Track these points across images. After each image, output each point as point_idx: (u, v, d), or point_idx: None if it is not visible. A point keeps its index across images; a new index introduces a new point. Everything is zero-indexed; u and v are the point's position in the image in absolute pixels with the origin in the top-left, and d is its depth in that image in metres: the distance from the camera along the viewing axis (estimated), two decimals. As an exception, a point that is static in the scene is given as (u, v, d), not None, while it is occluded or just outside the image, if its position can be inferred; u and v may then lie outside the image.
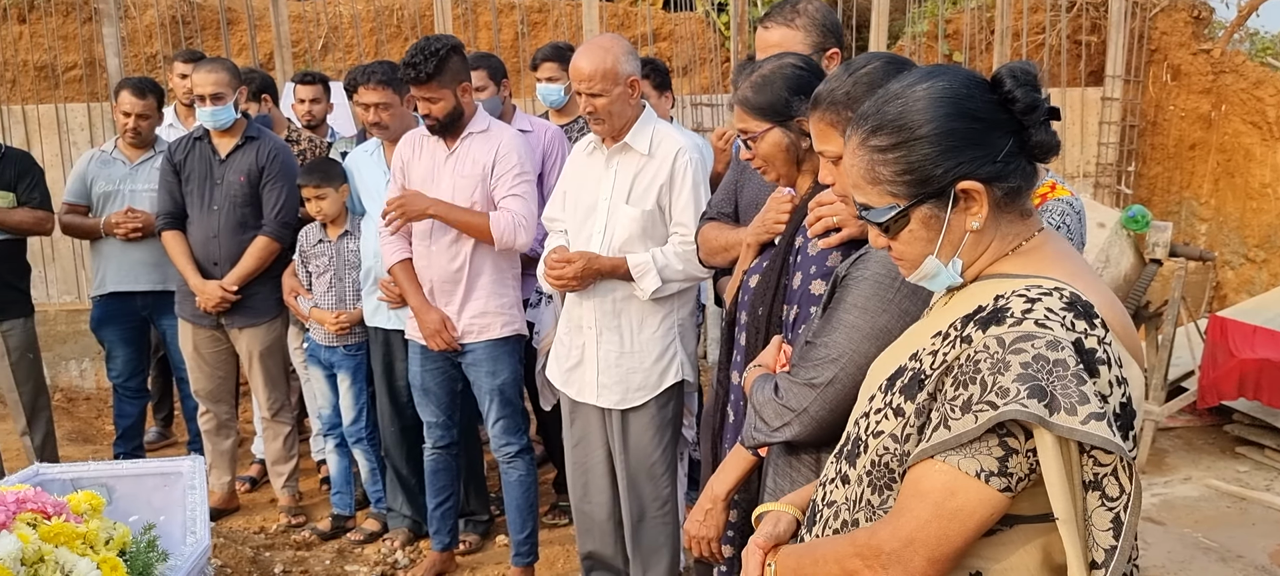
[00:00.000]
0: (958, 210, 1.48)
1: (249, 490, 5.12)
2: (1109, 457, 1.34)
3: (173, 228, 4.46)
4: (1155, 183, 8.19)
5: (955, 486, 1.38)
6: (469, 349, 3.85)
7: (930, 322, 1.55)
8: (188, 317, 4.54)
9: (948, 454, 1.38)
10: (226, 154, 4.41)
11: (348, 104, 5.00)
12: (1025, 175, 1.49)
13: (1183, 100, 8.02)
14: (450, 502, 4.17)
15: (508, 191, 3.73)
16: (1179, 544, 4.52)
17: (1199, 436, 5.80)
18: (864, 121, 1.52)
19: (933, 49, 8.03)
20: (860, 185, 1.54)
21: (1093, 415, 1.30)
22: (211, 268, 4.42)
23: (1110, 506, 1.35)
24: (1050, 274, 1.46)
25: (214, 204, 4.40)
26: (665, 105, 4.65)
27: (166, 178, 4.47)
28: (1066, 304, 1.37)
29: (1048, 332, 1.34)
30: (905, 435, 1.47)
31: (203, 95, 4.31)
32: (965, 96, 1.46)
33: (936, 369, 1.44)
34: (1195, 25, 8.10)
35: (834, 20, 2.82)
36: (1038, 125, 1.47)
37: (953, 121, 1.45)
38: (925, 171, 1.46)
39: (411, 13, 7.75)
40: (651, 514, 3.49)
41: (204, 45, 7.44)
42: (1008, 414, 1.32)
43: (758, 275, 2.36)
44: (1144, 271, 5.15)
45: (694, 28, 8.00)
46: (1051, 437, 1.32)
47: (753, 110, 2.30)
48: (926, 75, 1.51)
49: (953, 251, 1.51)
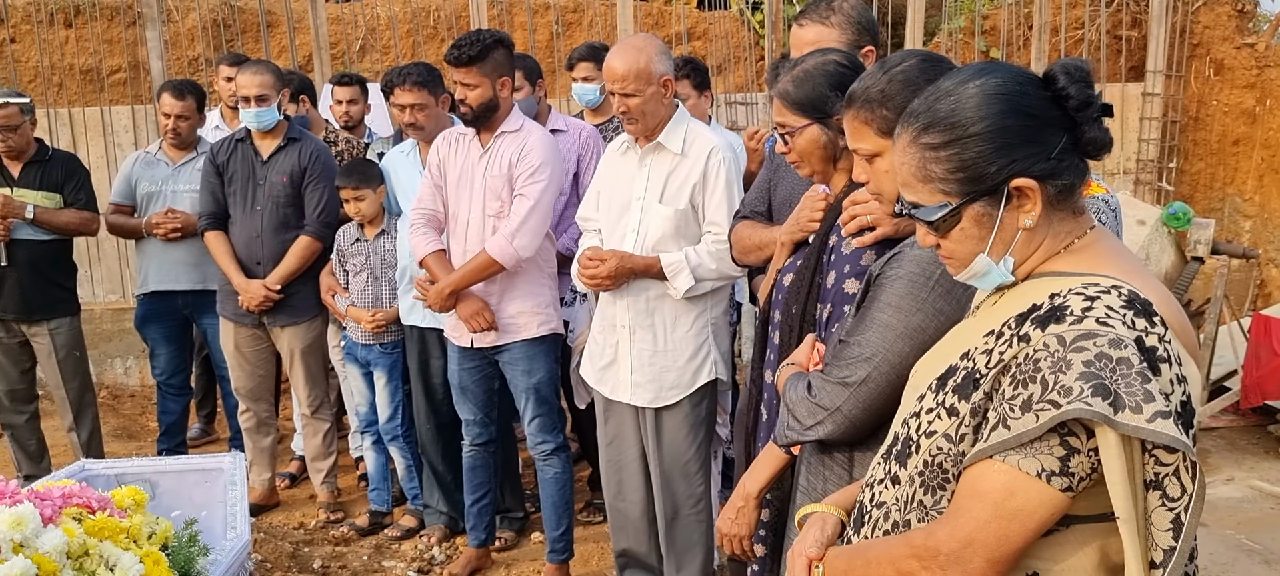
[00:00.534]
0: (1010, 208, 1.47)
1: (288, 486, 5.18)
2: (1171, 457, 1.32)
3: (215, 228, 4.53)
4: (1197, 179, 8.07)
5: (1015, 486, 1.36)
6: (506, 347, 3.88)
7: (981, 321, 1.54)
8: (230, 317, 4.61)
9: (1007, 454, 1.36)
10: (269, 155, 4.48)
11: (385, 105, 5.05)
12: (1078, 172, 1.47)
13: (1226, 95, 7.89)
14: (487, 499, 4.20)
15: (518, 189, 3.75)
16: (1222, 546, 4.46)
17: (1242, 436, 5.70)
18: (915, 118, 1.51)
19: (969, 45, 7.96)
20: (910, 183, 1.52)
21: (1159, 413, 1.28)
22: (254, 267, 4.48)
23: (1171, 506, 1.33)
24: (1105, 271, 1.44)
25: (257, 204, 4.47)
26: (705, 105, 4.65)
27: (209, 179, 4.54)
28: (1126, 301, 1.36)
29: (1109, 330, 1.32)
30: (960, 435, 1.46)
31: (247, 97, 4.38)
32: (1019, 93, 1.45)
33: (992, 368, 1.42)
34: (1239, 19, 7.97)
35: (870, 18, 2.81)
36: (1091, 122, 1.45)
37: (1007, 118, 1.44)
38: (979, 169, 1.45)
39: (448, 14, 7.81)
40: (685, 512, 3.50)
41: (244, 48, 7.55)
42: (1071, 413, 1.30)
43: (791, 273, 2.36)
44: (1185, 269, 5.09)
45: (728, 26, 7.99)
46: (1115, 437, 1.30)
47: (792, 104, 2.29)
48: (978, 72, 1.49)
49: (1004, 249, 1.49)
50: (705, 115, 4.62)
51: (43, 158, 4.70)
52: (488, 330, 3.82)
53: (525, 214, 3.72)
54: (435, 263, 3.88)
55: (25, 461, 4.87)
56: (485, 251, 3.74)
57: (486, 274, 3.77)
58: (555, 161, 3.84)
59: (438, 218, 3.94)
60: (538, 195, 3.73)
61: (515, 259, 3.75)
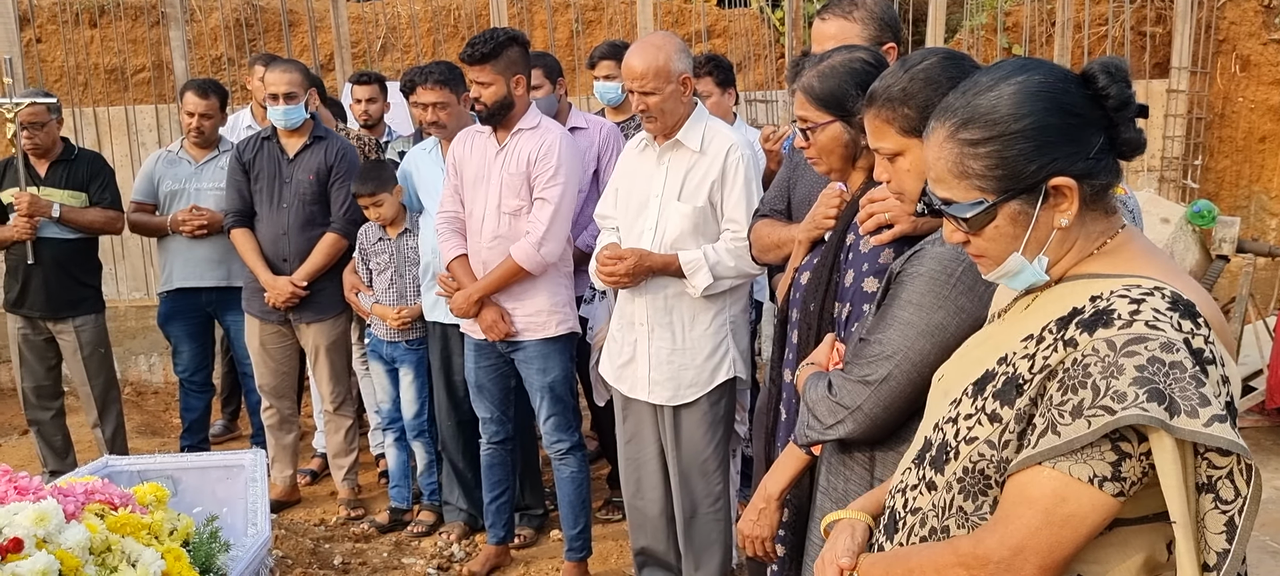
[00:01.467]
0: (1047, 207, 1.45)
1: (310, 483, 5.22)
2: (1225, 460, 1.31)
3: (241, 225, 4.56)
4: (1223, 176, 7.98)
5: (1066, 492, 1.35)
6: (522, 345, 3.89)
7: (1016, 325, 1.52)
8: (255, 313, 4.64)
9: (1057, 460, 1.35)
10: (295, 153, 4.51)
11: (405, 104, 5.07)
12: (1113, 172, 1.46)
13: (1253, 92, 7.80)
14: (506, 497, 4.21)
15: (538, 193, 3.77)
16: (1248, 548, 4.40)
17: (1267, 437, 5.64)
18: (952, 114, 1.49)
19: (991, 42, 7.91)
20: (944, 179, 1.50)
21: (1215, 417, 1.27)
22: (281, 264, 4.52)
23: (1225, 510, 1.32)
24: (1143, 272, 1.43)
25: (283, 202, 4.50)
26: (728, 102, 4.64)
27: (235, 176, 4.58)
28: (1171, 304, 1.35)
29: (1161, 334, 1.31)
30: (1004, 442, 1.44)
31: (276, 94, 4.41)
32: (1062, 91, 1.44)
33: (1037, 373, 1.40)
34: (1265, 14, 7.87)
35: (892, 14, 2.78)
36: (1127, 122, 1.44)
37: (1050, 116, 1.42)
38: (1019, 166, 1.43)
39: (468, 12, 7.83)
40: (704, 510, 3.49)
41: (266, 46, 7.59)
42: (1127, 419, 1.29)
43: (809, 271, 2.35)
44: (1210, 268, 5.04)
45: (748, 24, 7.97)
46: (1171, 441, 1.29)
47: (815, 99, 2.27)
48: (1019, 68, 1.48)
49: (1038, 249, 1.47)
50: (729, 112, 4.61)
51: (68, 157, 4.75)
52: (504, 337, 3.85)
53: (549, 219, 3.73)
54: (460, 268, 3.91)
55: (51, 457, 4.93)
56: (511, 258, 3.76)
57: (513, 280, 3.79)
58: (574, 161, 3.85)
59: (461, 220, 3.96)
60: (558, 198, 3.75)
61: (542, 265, 3.77)
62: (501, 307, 3.84)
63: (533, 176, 3.77)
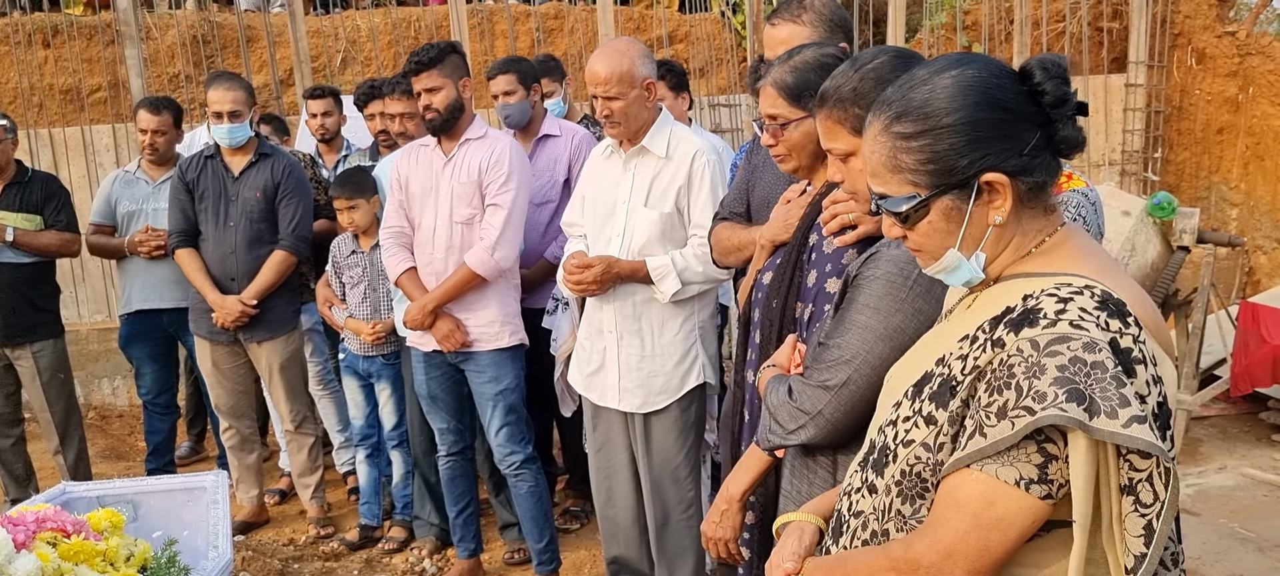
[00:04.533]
0: (980, 203, 1.44)
1: (279, 503, 5.15)
2: (1145, 462, 1.30)
3: (187, 245, 4.49)
4: (1183, 168, 8.09)
5: (994, 496, 1.34)
6: (473, 356, 3.86)
7: (955, 325, 1.51)
8: (204, 335, 4.57)
9: (985, 463, 1.34)
10: (240, 171, 4.45)
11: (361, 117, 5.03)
12: (1050, 170, 1.45)
13: (1209, 84, 7.92)
14: (471, 509, 4.18)
15: (491, 199, 3.76)
16: (1214, 534, 4.45)
17: (1233, 425, 5.71)
18: (887, 107, 1.48)
19: (951, 40, 7.97)
20: (879, 173, 1.49)
21: (1134, 418, 1.26)
22: (229, 283, 4.45)
23: (1144, 513, 1.31)
24: (1078, 270, 1.42)
25: (230, 220, 4.44)
26: (682, 107, 4.64)
27: (179, 196, 4.51)
28: (1099, 303, 1.34)
29: (1084, 333, 1.30)
30: (938, 444, 1.43)
31: (221, 112, 4.36)
32: (995, 86, 1.42)
33: (967, 374, 1.40)
34: (1219, 7, 8.00)
35: (842, 15, 2.79)
36: (1065, 119, 1.43)
37: (981, 111, 1.41)
38: (950, 161, 1.42)
39: (428, 25, 7.79)
40: (676, 517, 3.47)
41: (224, 63, 7.52)
42: (1046, 419, 1.28)
43: (771, 272, 2.34)
44: (1172, 259, 5.08)
45: (710, 29, 7.99)
46: (1084, 441, 1.28)
47: (788, 94, 2.24)
48: (954, 62, 1.47)
49: (974, 245, 1.46)
50: (684, 117, 4.61)
51: (22, 179, 4.66)
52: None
53: (502, 223, 3.72)
54: (409, 282, 3.88)
55: (12, 485, 4.83)
56: (465, 265, 3.74)
57: (468, 287, 3.77)
58: (524, 168, 3.87)
59: (407, 235, 3.93)
60: (511, 204, 3.75)
61: (497, 271, 3.75)
62: (456, 318, 3.82)
63: (484, 184, 3.76)
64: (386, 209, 4.00)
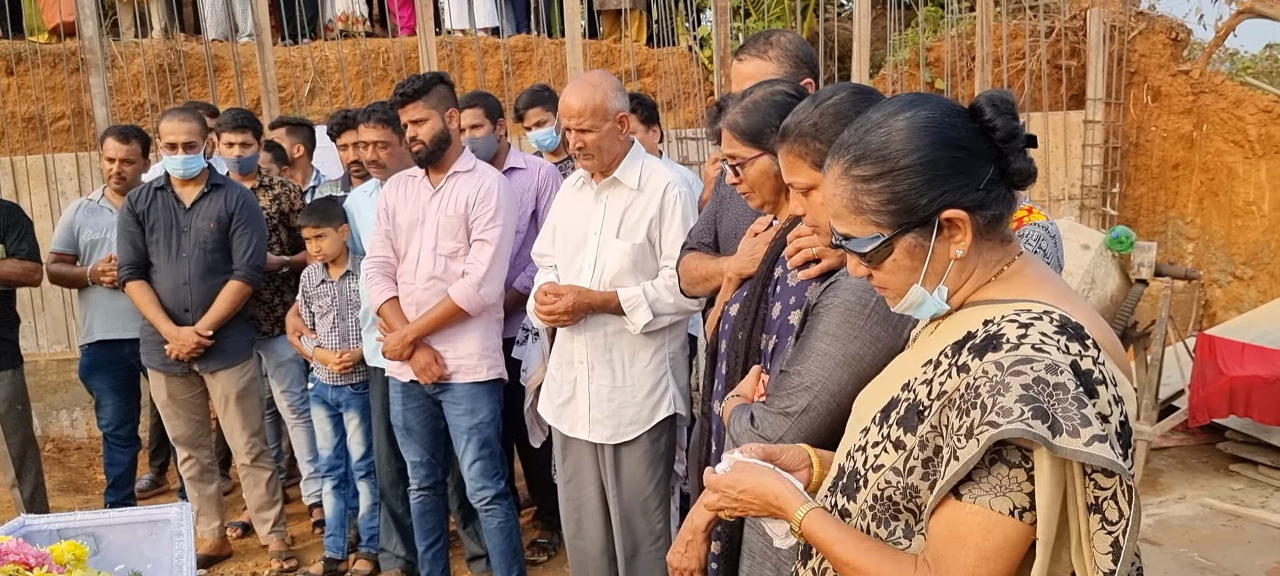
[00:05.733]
0: (942, 238, 1.48)
1: (241, 536, 5.08)
2: (1109, 481, 1.34)
3: (138, 277, 4.44)
4: (1140, 203, 8.25)
5: (991, 525, 1.37)
6: (451, 388, 3.85)
7: (918, 352, 1.55)
8: (157, 366, 4.51)
9: (979, 496, 1.37)
10: (192, 201, 4.43)
11: (333, 147, 5.02)
12: (1006, 202, 1.50)
13: (1164, 121, 8.10)
14: (440, 543, 4.15)
15: (477, 235, 3.76)
16: (1175, 564, 4.51)
17: (1192, 455, 5.80)
18: (846, 151, 1.51)
19: (914, 76, 8.10)
20: (842, 215, 1.53)
21: (1096, 437, 1.30)
22: (183, 314, 4.41)
23: (1110, 530, 1.35)
24: (1036, 297, 1.46)
25: (182, 251, 4.40)
26: (653, 139, 4.68)
27: (128, 227, 4.46)
28: (1059, 327, 1.38)
29: (1045, 356, 1.34)
30: (908, 468, 1.46)
31: (174, 144, 4.33)
32: (948, 125, 1.47)
33: (935, 399, 1.43)
34: (1174, 47, 8.19)
35: (808, 51, 2.85)
36: (1016, 152, 1.48)
37: (937, 150, 1.45)
38: (910, 201, 1.46)
39: (397, 56, 7.80)
40: (645, 549, 3.47)
41: (191, 93, 7.47)
42: (1011, 432, 1.31)
43: (738, 304, 2.37)
44: (1130, 292, 5.18)
45: (678, 62, 8.06)
46: (1048, 459, 1.32)
47: (741, 135, 2.30)
48: (908, 104, 1.51)
49: (937, 280, 1.50)
50: (655, 150, 4.65)
51: (-17, 207, 4.60)
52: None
53: (489, 260, 3.73)
54: (390, 311, 3.87)
55: (-34, 519, 4.72)
56: (450, 299, 3.73)
57: (450, 321, 3.76)
58: (511, 204, 3.86)
59: (391, 264, 3.92)
60: (498, 240, 3.75)
61: (481, 306, 3.76)
62: (434, 350, 3.81)
63: (471, 219, 3.76)
64: (372, 238, 3.98)
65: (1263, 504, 5.11)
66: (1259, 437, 5.40)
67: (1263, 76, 8.36)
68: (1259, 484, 5.34)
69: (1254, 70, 8.64)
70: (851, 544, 1.51)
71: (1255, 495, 5.22)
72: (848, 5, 8.41)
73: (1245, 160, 7.69)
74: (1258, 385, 5.18)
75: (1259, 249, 7.63)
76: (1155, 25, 8.19)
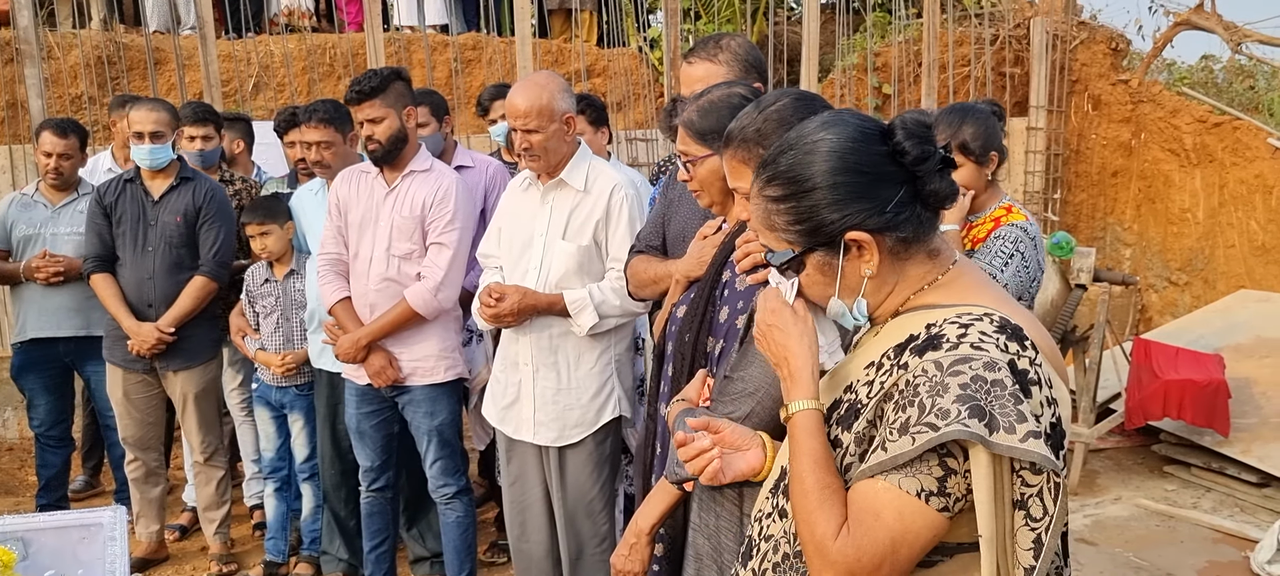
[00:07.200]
0: (850, 258, 1.52)
1: (179, 539, 4.98)
2: (1036, 478, 1.37)
3: (103, 271, 4.35)
4: (1080, 209, 8.41)
5: (902, 506, 1.40)
6: (409, 390, 3.81)
7: (862, 354, 1.58)
8: (118, 362, 4.42)
9: (890, 474, 1.40)
10: (160, 195, 4.34)
11: (277, 143, 4.94)
12: (919, 223, 1.52)
13: (1104, 129, 8.27)
14: (386, 545, 4.11)
15: (434, 238, 3.72)
16: (1110, 564, 4.60)
17: (1128, 456, 5.92)
18: (763, 170, 1.57)
19: (862, 82, 8.19)
20: (760, 230, 1.59)
21: (1031, 433, 1.33)
22: (145, 310, 4.32)
23: (1033, 526, 1.38)
24: (976, 301, 1.49)
25: (148, 245, 4.32)
26: (601, 141, 4.67)
27: (96, 220, 4.37)
28: (998, 327, 1.41)
29: (984, 354, 1.37)
30: (846, 465, 1.49)
31: (141, 133, 4.24)
32: (851, 150, 1.50)
33: (874, 397, 1.46)
34: (1113, 56, 8.37)
35: (757, 56, 2.87)
36: (931, 175, 1.50)
37: (838, 176, 1.49)
38: (814, 222, 1.51)
39: (344, 52, 7.70)
40: (590, 551, 3.46)
41: (130, 86, 7.31)
42: (949, 434, 1.34)
43: (685, 306, 2.38)
44: (1070, 296, 5.27)
45: (628, 63, 8.06)
46: (986, 456, 1.35)
47: (695, 134, 2.31)
48: (821, 126, 1.54)
49: (853, 294, 1.54)
50: (603, 151, 4.64)
51: (-90, 201, 4.46)
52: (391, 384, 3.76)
53: (447, 265, 3.69)
54: (343, 311, 3.81)
55: (-110, 522, 4.58)
56: (406, 302, 3.69)
57: (405, 325, 3.72)
58: (469, 206, 3.83)
59: (344, 262, 3.87)
60: (456, 243, 3.71)
61: (438, 310, 3.71)
62: (389, 353, 3.76)
63: (428, 221, 3.71)
64: (323, 234, 3.90)
65: (1194, 504, 5.24)
66: (1191, 440, 5.53)
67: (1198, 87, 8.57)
68: (1191, 485, 5.47)
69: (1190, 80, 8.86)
70: (812, 470, 1.48)
71: (1188, 496, 5.35)
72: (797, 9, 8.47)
73: (1181, 168, 7.87)
74: (1190, 388, 5.30)
75: (1193, 255, 7.82)
76: (1096, 35, 8.36)
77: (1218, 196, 7.60)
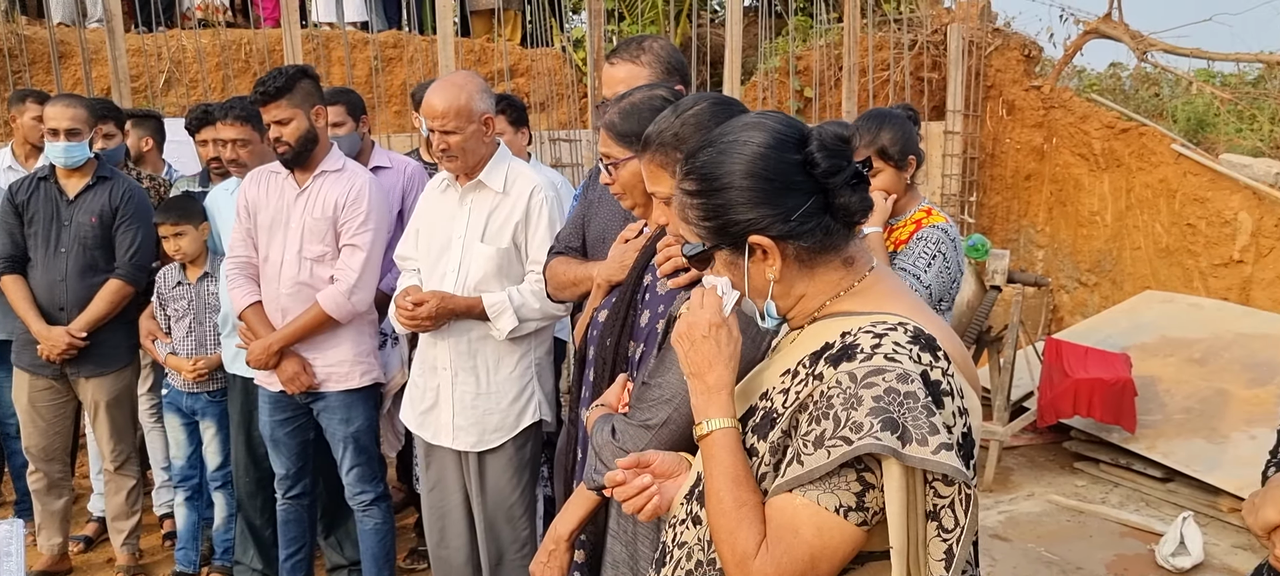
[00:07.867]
0: (754, 260, 1.54)
1: (83, 550, 4.80)
2: (948, 489, 1.38)
3: (12, 272, 4.18)
4: (996, 212, 8.61)
5: (821, 522, 1.39)
6: (323, 396, 3.73)
7: (778, 362, 1.58)
8: (26, 368, 4.24)
9: (808, 490, 1.39)
10: (75, 194, 4.18)
11: (189, 141, 4.80)
12: (825, 233, 1.52)
13: (1018, 133, 8.47)
14: (302, 553, 4.02)
15: (347, 240, 3.64)
16: (1023, 559, 4.71)
17: (1040, 454, 6.07)
18: (684, 162, 1.59)
19: (784, 85, 8.26)
20: (677, 221, 1.62)
21: (943, 445, 1.34)
22: (57, 313, 4.15)
23: (945, 538, 1.39)
24: (891, 309, 1.50)
25: (61, 246, 4.15)
26: (521, 141, 4.63)
27: (7, 219, 4.19)
28: (912, 337, 1.42)
29: (898, 365, 1.38)
30: (761, 474, 1.48)
31: (57, 130, 4.07)
32: (763, 157, 1.50)
33: (789, 406, 1.46)
34: (1027, 63, 8.58)
35: (679, 58, 2.87)
36: (842, 188, 1.50)
37: (746, 179, 1.50)
38: (722, 221, 1.53)
39: (260, 48, 7.52)
40: (510, 556, 3.43)
41: (33, 80, 7.03)
42: (863, 448, 1.34)
43: (607, 310, 2.36)
44: (985, 298, 5.38)
45: (551, 63, 8.02)
46: (899, 469, 1.35)
47: (617, 136, 2.30)
48: (744, 127, 1.55)
49: (761, 296, 1.56)
50: (523, 152, 4.60)
51: None
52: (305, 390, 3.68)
53: (360, 267, 3.61)
54: (254, 316, 3.71)
55: None
56: (319, 306, 3.60)
57: (318, 330, 3.63)
58: (383, 207, 3.75)
59: (254, 265, 3.77)
60: (369, 245, 3.64)
61: (351, 314, 3.63)
62: (303, 358, 3.67)
63: (340, 222, 3.63)
64: (232, 237, 3.80)
65: (1103, 499, 5.39)
66: (1100, 437, 5.70)
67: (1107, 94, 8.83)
68: (1100, 481, 5.63)
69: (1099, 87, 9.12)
70: (731, 489, 1.47)
71: (1097, 491, 5.51)
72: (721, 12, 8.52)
73: (1090, 172, 8.10)
74: (1099, 387, 5.45)
75: (1102, 257, 8.06)
76: (1010, 42, 8.57)
77: (1125, 200, 7.84)
